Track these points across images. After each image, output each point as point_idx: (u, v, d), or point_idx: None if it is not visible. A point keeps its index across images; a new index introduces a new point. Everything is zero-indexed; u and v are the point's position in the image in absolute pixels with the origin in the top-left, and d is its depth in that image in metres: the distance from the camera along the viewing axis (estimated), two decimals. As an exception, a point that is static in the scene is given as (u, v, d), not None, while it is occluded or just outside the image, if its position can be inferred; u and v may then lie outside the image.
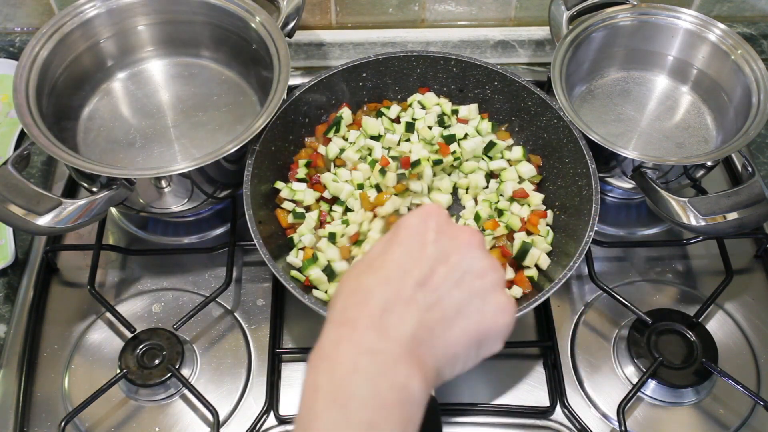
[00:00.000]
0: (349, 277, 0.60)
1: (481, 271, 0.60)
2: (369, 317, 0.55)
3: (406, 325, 0.55)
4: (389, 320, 0.55)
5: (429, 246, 0.59)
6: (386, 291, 0.56)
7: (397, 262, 0.58)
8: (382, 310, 0.55)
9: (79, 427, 0.97)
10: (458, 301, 0.58)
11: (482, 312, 0.59)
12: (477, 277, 0.60)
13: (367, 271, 0.59)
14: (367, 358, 0.53)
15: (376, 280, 0.57)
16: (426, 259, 0.59)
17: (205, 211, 1.17)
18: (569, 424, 0.98)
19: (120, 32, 1.16)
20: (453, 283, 0.59)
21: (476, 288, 0.59)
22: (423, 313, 0.56)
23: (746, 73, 1.10)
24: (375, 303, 0.56)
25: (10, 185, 0.92)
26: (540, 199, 1.07)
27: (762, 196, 0.97)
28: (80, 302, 1.08)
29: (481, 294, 0.60)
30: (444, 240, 0.60)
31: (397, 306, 0.56)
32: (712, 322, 1.07)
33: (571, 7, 1.18)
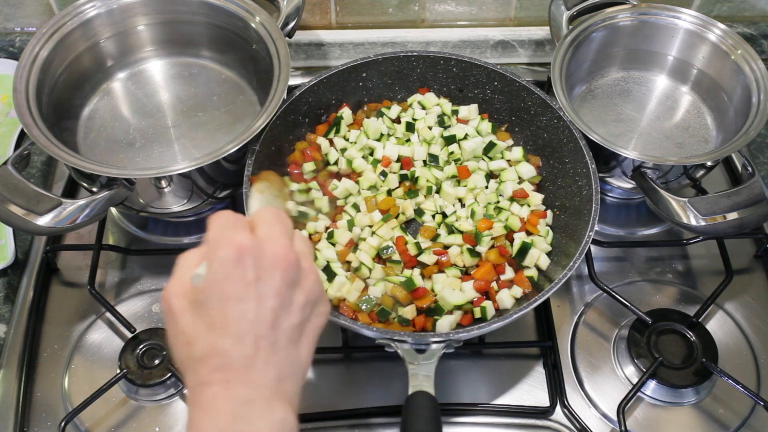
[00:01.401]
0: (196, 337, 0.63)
1: (301, 285, 0.66)
2: (236, 374, 0.61)
3: (269, 372, 0.62)
4: (253, 373, 0.61)
5: (256, 287, 0.63)
6: (242, 349, 0.61)
7: (237, 317, 0.62)
8: (245, 367, 0.61)
9: (79, 427, 0.97)
10: (297, 323, 0.65)
11: (314, 318, 0.67)
12: (301, 292, 0.66)
13: (213, 331, 0.62)
14: (245, 407, 0.60)
15: (229, 342, 0.61)
16: (261, 304, 0.63)
17: (205, 211, 1.17)
18: (569, 424, 0.98)
19: (120, 32, 1.16)
20: (287, 310, 0.64)
21: (304, 302, 0.66)
22: (278, 355, 0.63)
23: (746, 73, 1.10)
24: (236, 362, 0.61)
25: (10, 185, 0.92)
26: (540, 199, 1.07)
27: (762, 196, 0.97)
28: (80, 302, 1.08)
29: (309, 305, 0.66)
30: (265, 273, 0.64)
31: (257, 360, 0.62)
32: (712, 322, 1.07)
33: (571, 7, 1.18)
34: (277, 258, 0.64)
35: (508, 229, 1.02)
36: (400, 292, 0.95)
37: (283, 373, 0.63)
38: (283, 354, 0.63)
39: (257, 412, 0.60)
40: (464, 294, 0.96)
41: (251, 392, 0.61)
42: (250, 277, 0.63)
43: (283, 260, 0.64)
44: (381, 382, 1.01)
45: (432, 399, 0.81)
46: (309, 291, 0.66)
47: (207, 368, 0.61)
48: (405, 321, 0.95)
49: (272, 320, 0.63)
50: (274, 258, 0.64)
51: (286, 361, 0.64)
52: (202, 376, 0.62)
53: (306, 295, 0.66)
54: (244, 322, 0.62)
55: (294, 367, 0.64)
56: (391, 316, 0.96)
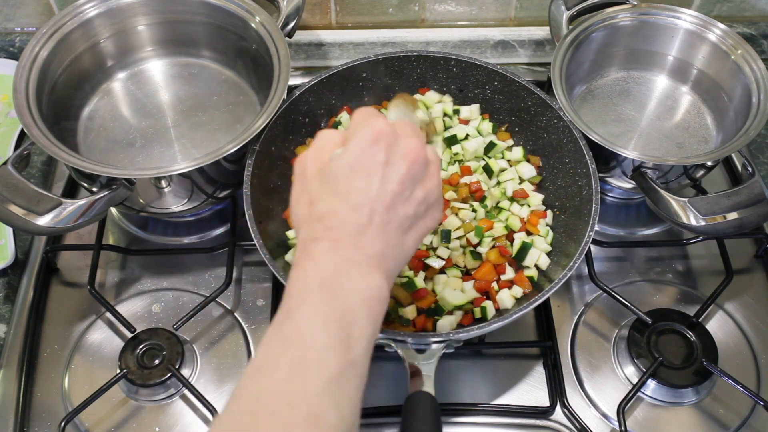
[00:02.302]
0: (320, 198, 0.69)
1: (423, 183, 0.71)
2: (346, 237, 0.67)
3: (375, 245, 0.67)
4: (363, 241, 0.67)
5: (384, 169, 0.68)
6: (357, 217, 0.67)
7: (359, 190, 0.68)
8: (356, 234, 0.67)
9: (79, 427, 0.97)
10: (411, 214, 0.70)
11: (426, 218, 0.73)
12: (422, 188, 0.71)
13: (335, 197, 0.68)
14: (348, 265, 0.66)
15: (346, 208, 0.67)
16: (384, 184, 0.68)
17: (205, 211, 1.17)
18: (569, 424, 0.98)
19: (120, 32, 1.16)
20: (405, 199, 0.70)
21: (422, 198, 0.71)
22: (387, 234, 0.68)
23: (746, 73, 1.10)
24: (350, 227, 0.67)
25: (10, 185, 0.92)
26: (540, 199, 1.07)
27: (762, 196, 0.96)
28: (80, 302, 1.08)
29: (425, 203, 0.71)
30: (395, 160, 0.69)
31: (368, 231, 0.67)
32: (712, 322, 1.07)
33: (571, 7, 1.18)
34: (409, 150, 0.69)
35: (508, 229, 1.02)
36: (401, 293, 0.95)
37: (387, 251, 0.68)
38: (391, 235, 0.69)
39: (358, 272, 0.66)
40: (465, 294, 0.96)
41: (356, 255, 0.66)
42: (381, 159, 0.68)
43: (413, 153, 0.70)
44: (381, 382, 1.01)
45: (432, 399, 0.81)
46: (429, 191, 0.71)
47: (322, 226, 0.67)
48: (406, 321, 0.95)
49: (390, 202, 0.68)
50: (407, 149, 0.69)
51: (392, 242, 0.69)
52: (316, 232, 0.68)
53: (426, 192, 0.71)
54: (364, 196, 0.67)
55: (397, 251, 0.70)
56: (392, 317, 0.96)
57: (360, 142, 0.69)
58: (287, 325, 0.63)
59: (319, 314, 0.63)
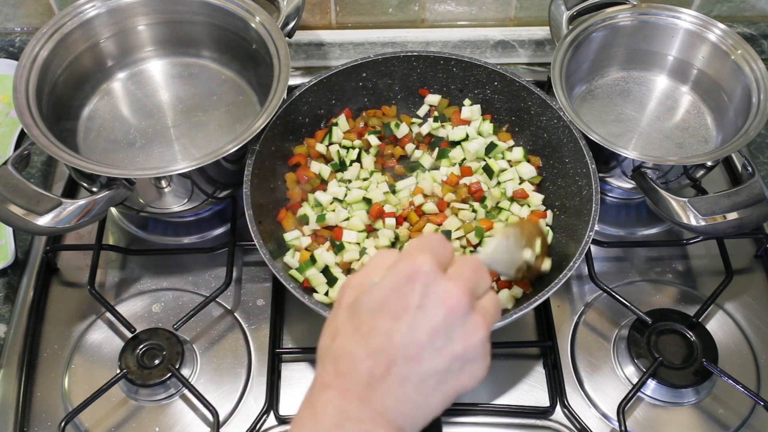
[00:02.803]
0: (340, 334, 0.61)
1: (463, 336, 0.61)
2: (356, 386, 0.59)
3: (388, 399, 0.59)
4: (373, 394, 0.58)
5: (414, 314, 0.60)
6: (372, 365, 0.59)
7: (382, 333, 0.59)
8: (368, 384, 0.59)
9: (79, 427, 0.97)
10: (441, 369, 0.60)
11: (462, 376, 0.62)
12: (461, 342, 0.61)
13: (355, 336, 0.60)
14: (351, 423, 0.58)
15: (364, 352, 0.59)
16: (411, 332, 0.59)
17: (205, 211, 1.17)
18: (569, 424, 0.98)
19: (120, 32, 1.16)
20: (436, 352, 0.60)
21: (458, 354, 0.61)
22: (405, 389, 0.59)
23: (746, 73, 1.10)
24: (362, 375, 0.59)
25: (10, 185, 0.92)
26: (540, 199, 1.07)
27: (762, 196, 0.96)
28: (80, 302, 1.08)
29: (462, 359, 0.61)
30: (429, 305, 0.60)
31: (382, 382, 0.59)
32: (712, 322, 1.07)
33: (571, 7, 1.18)
34: (449, 296, 0.60)
35: None
36: None
37: (402, 408, 0.59)
38: (410, 391, 0.59)
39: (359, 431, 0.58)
40: None
41: (362, 411, 0.58)
42: (413, 302, 0.59)
43: (453, 300, 0.60)
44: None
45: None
46: (469, 346, 0.61)
47: (334, 369, 0.60)
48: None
49: (415, 353, 0.59)
50: (446, 295, 0.60)
51: (411, 400, 0.60)
52: (327, 377, 0.60)
53: (464, 348, 0.61)
54: (386, 341, 0.59)
55: (417, 410, 0.60)
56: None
57: (395, 277, 0.60)
58: None
59: None
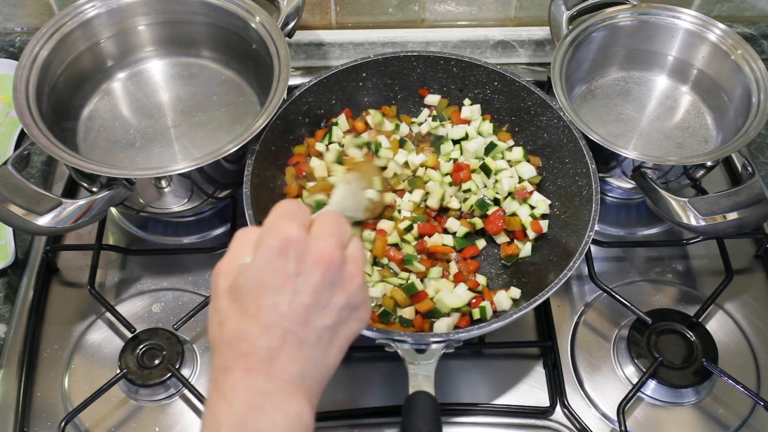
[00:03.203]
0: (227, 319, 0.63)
1: (342, 287, 0.65)
2: (258, 364, 0.61)
3: (292, 366, 0.62)
4: (277, 366, 0.61)
5: (294, 281, 0.62)
6: (268, 340, 0.61)
7: (269, 308, 0.62)
8: (268, 358, 0.61)
9: (79, 427, 0.97)
10: (331, 324, 0.64)
11: (350, 323, 0.66)
12: (342, 293, 0.65)
13: (244, 318, 0.62)
14: (262, 398, 0.60)
15: (256, 330, 0.61)
16: (296, 298, 0.62)
17: (205, 211, 1.17)
18: (569, 424, 0.98)
19: (120, 32, 1.16)
20: (322, 309, 0.63)
21: (343, 304, 0.65)
22: (304, 352, 0.63)
23: (746, 73, 1.10)
24: (261, 352, 0.61)
25: (10, 185, 0.92)
26: (545, 204, 1.07)
27: (762, 196, 0.97)
28: (80, 302, 1.08)
29: (348, 308, 0.65)
30: (306, 268, 0.63)
31: (281, 353, 0.62)
32: (712, 322, 1.07)
33: (571, 7, 1.18)
34: (321, 256, 0.63)
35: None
36: (399, 295, 0.95)
37: (307, 371, 0.63)
38: (309, 352, 0.63)
39: (273, 404, 0.60)
40: (460, 296, 0.96)
41: (270, 384, 0.61)
42: (290, 270, 0.62)
43: (327, 258, 0.63)
44: (381, 382, 1.01)
45: (432, 399, 0.81)
46: (351, 294, 0.65)
47: (232, 353, 0.62)
48: (406, 321, 0.95)
49: (304, 316, 0.62)
50: (319, 255, 0.63)
51: (312, 359, 0.63)
52: (226, 361, 0.62)
53: (347, 297, 0.65)
54: (275, 314, 0.62)
55: (319, 367, 0.64)
56: (393, 317, 0.96)
57: (266, 252, 0.62)
58: None
59: None
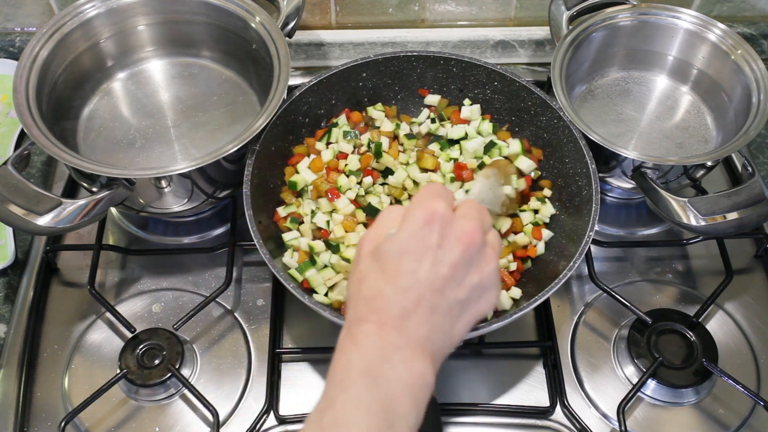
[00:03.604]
0: (367, 278, 0.69)
1: (478, 267, 0.70)
2: (391, 320, 0.66)
3: (421, 329, 0.66)
4: (408, 325, 0.66)
5: (435, 252, 0.67)
6: (404, 301, 0.66)
7: (408, 272, 0.67)
8: (401, 317, 0.66)
9: (79, 427, 0.97)
10: (463, 299, 0.69)
11: (480, 303, 0.71)
12: (477, 273, 0.69)
13: (383, 278, 0.68)
14: (392, 350, 0.65)
15: (393, 290, 0.67)
16: (434, 268, 0.67)
17: (205, 211, 1.17)
18: (569, 424, 0.98)
19: (120, 32, 1.16)
20: (457, 284, 0.68)
21: (476, 284, 0.69)
22: (434, 319, 0.67)
23: (746, 73, 1.10)
24: (395, 310, 0.66)
25: (10, 185, 0.92)
26: (549, 211, 1.06)
27: (762, 196, 0.97)
28: (80, 302, 1.08)
29: (480, 288, 0.70)
30: (448, 243, 0.68)
31: (414, 315, 0.66)
32: (712, 322, 1.07)
33: (571, 7, 1.18)
34: (464, 234, 0.68)
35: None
36: None
37: (434, 337, 0.67)
38: (439, 320, 0.67)
39: (402, 358, 0.64)
40: None
41: (400, 340, 0.65)
42: (433, 242, 0.67)
43: (468, 237, 0.68)
44: (381, 382, 1.01)
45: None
46: (484, 276, 0.70)
47: (368, 307, 0.67)
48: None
49: (440, 287, 0.67)
50: (461, 233, 0.68)
51: (440, 327, 0.67)
52: (361, 313, 0.67)
53: (480, 278, 0.69)
54: (413, 279, 0.66)
55: (445, 337, 0.68)
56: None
57: (413, 223, 0.68)
58: (328, 415, 0.62)
59: (361, 405, 0.62)
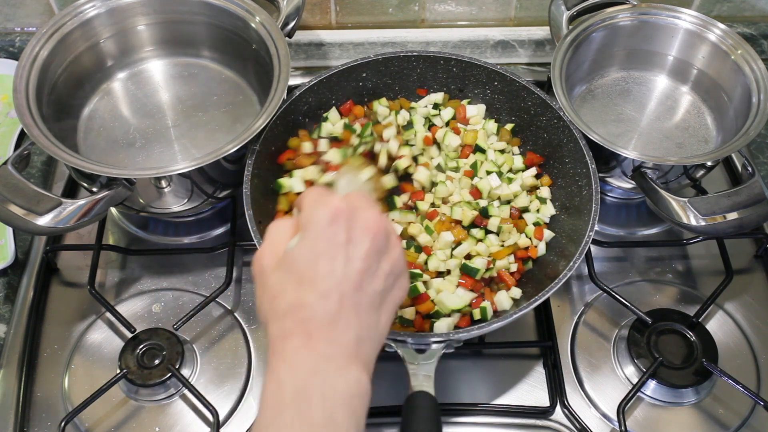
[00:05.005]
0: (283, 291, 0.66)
1: (387, 255, 0.68)
2: (319, 328, 0.63)
3: (350, 331, 0.64)
4: (336, 330, 0.64)
5: (346, 248, 0.66)
6: (327, 305, 0.64)
7: (325, 274, 0.65)
8: (329, 322, 0.64)
9: (79, 427, 0.97)
10: (380, 289, 0.67)
11: (395, 290, 0.70)
12: (387, 261, 0.68)
13: (301, 286, 0.65)
14: (324, 362, 0.63)
15: (315, 296, 0.64)
16: (349, 264, 0.65)
17: (205, 211, 1.17)
18: (569, 424, 0.98)
19: (120, 32, 1.16)
20: (373, 275, 0.67)
21: (389, 271, 0.68)
22: (360, 316, 0.65)
23: (746, 73, 1.10)
24: (321, 317, 0.64)
25: (10, 185, 0.92)
26: (549, 212, 1.06)
27: (762, 196, 0.97)
28: (80, 302, 1.08)
29: (393, 275, 0.69)
30: (356, 236, 0.66)
31: (340, 317, 0.64)
32: (712, 322, 1.07)
33: (571, 7, 1.18)
34: (369, 224, 0.67)
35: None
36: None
37: (363, 335, 0.65)
38: (364, 316, 0.66)
39: (335, 369, 0.63)
40: (461, 297, 0.96)
41: (331, 349, 0.63)
42: (342, 238, 0.65)
43: (374, 226, 0.67)
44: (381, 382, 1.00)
45: (432, 399, 0.81)
46: (394, 262, 0.69)
47: (291, 320, 0.64)
48: (407, 322, 0.95)
49: (358, 282, 0.65)
50: (366, 224, 0.67)
51: (367, 324, 0.66)
52: (285, 328, 0.64)
53: (391, 264, 0.68)
54: (331, 280, 0.64)
55: (372, 332, 0.67)
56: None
57: (317, 224, 0.66)
58: None
59: (296, 429, 0.59)
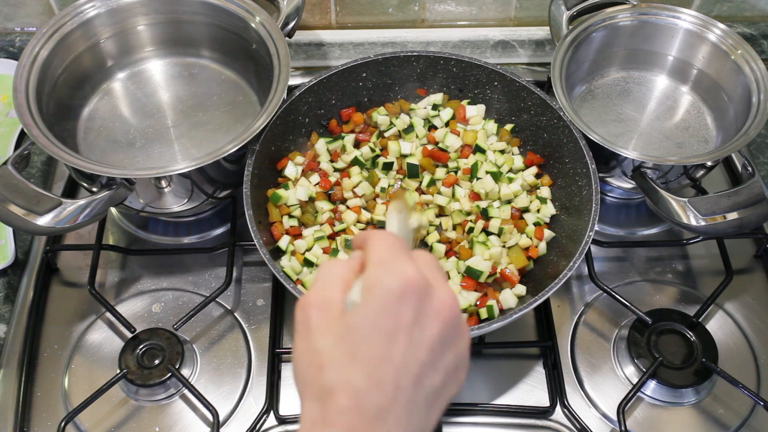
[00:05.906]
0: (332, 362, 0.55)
1: (453, 345, 0.58)
2: (363, 424, 0.53)
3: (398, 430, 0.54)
4: (382, 428, 0.53)
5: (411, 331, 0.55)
6: (379, 397, 0.53)
7: (383, 358, 0.54)
8: (376, 419, 0.53)
9: (79, 427, 0.97)
10: (438, 386, 0.57)
11: (452, 386, 0.58)
12: (452, 352, 0.57)
13: (353, 364, 0.54)
14: None
15: (366, 381, 0.53)
16: (410, 351, 0.55)
17: (205, 211, 1.17)
18: (569, 424, 0.98)
19: (120, 32, 1.16)
20: (434, 368, 0.56)
21: (452, 365, 0.57)
22: (411, 416, 0.55)
23: (746, 73, 1.10)
24: (370, 410, 0.53)
25: (10, 185, 0.92)
26: (549, 211, 1.07)
27: (762, 196, 0.97)
28: (80, 302, 1.08)
29: (455, 370, 0.58)
30: (425, 318, 0.55)
31: (391, 414, 0.53)
32: (712, 322, 1.07)
33: (571, 7, 1.18)
34: (442, 306, 0.56)
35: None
36: None
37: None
38: (415, 416, 0.55)
39: None
40: (466, 298, 0.96)
41: None
42: (408, 319, 0.54)
43: (446, 310, 0.56)
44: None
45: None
46: (459, 355, 0.57)
47: (334, 406, 0.53)
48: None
49: (418, 375, 0.54)
50: (439, 306, 0.56)
51: (416, 424, 0.55)
52: (326, 415, 0.53)
53: (456, 358, 0.57)
54: (389, 367, 0.53)
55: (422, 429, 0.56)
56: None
57: (385, 295, 0.54)
58: None
59: None
